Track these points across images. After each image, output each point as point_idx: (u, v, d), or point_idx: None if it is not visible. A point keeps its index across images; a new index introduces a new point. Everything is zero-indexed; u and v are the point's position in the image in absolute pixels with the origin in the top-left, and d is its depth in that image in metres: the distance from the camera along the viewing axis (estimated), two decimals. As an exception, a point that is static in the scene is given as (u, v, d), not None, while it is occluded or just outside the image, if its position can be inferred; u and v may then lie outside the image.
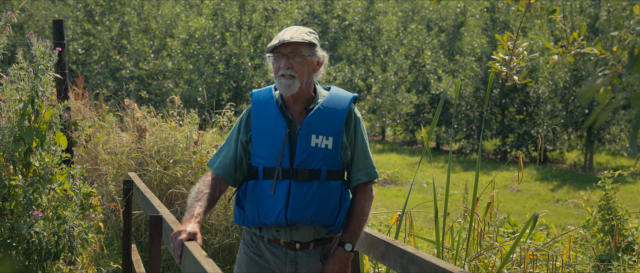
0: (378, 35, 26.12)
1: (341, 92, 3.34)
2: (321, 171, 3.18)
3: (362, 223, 3.30)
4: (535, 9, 3.76)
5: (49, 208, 4.39)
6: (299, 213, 3.16)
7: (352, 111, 3.31)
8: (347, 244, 3.24)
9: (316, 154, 3.18)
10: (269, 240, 3.26)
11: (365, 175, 3.31)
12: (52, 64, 4.45)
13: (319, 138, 3.19)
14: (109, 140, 7.69)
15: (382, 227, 7.14)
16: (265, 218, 3.18)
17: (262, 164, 3.21)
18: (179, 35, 22.06)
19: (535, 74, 20.21)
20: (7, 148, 4.20)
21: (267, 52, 3.24)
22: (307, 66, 3.23)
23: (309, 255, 3.26)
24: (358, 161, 3.31)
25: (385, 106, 22.06)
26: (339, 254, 3.25)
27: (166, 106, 18.35)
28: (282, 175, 3.18)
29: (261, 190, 3.20)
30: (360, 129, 3.32)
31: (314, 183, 3.17)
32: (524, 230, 4.04)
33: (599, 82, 1.87)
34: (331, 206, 3.21)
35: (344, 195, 3.27)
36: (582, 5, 22.35)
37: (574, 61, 3.78)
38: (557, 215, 12.35)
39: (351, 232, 3.27)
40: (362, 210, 3.30)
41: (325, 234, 3.28)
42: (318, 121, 3.21)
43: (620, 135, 20.05)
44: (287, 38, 3.17)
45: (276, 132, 3.20)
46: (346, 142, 3.25)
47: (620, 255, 5.78)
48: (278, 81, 3.19)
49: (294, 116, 3.26)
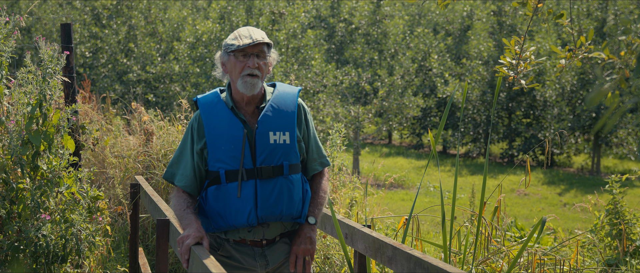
0: (385, 38, 26.11)
1: (287, 88, 3.38)
2: (283, 166, 3.22)
3: (323, 200, 3.38)
4: (542, 13, 3.76)
5: (57, 211, 4.40)
6: (268, 210, 3.19)
7: (300, 104, 3.36)
8: (310, 217, 3.31)
9: (276, 151, 3.22)
10: (234, 241, 3.28)
11: (320, 164, 3.41)
12: (60, 67, 4.47)
13: (276, 134, 3.23)
14: (116, 143, 7.70)
15: (389, 231, 7.14)
16: (235, 220, 3.19)
17: (223, 168, 3.21)
18: (186, 38, 22.09)
19: (542, 77, 20.17)
20: (15, 151, 4.22)
21: (233, 50, 3.21)
22: (268, 66, 3.29)
23: (275, 245, 3.31)
24: (312, 152, 3.38)
25: (392, 110, 22.03)
26: (304, 229, 3.31)
27: (173, 109, 18.38)
28: (247, 176, 3.19)
29: (226, 194, 3.20)
30: (310, 121, 3.38)
31: (278, 179, 3.21)
32: (531, 234, 4.02)
33: (607, 86, 1.87)
34: (296, 199, 3.25)
35: (305, 186, 3.32)
36: (589, 9, 22.30)
37: (581, 65, 3.77)
38: (565, 219, 12.32)
39: (313, 207, 3.34)
40: (321, 187, 3.39)
41: (291, 227, 3.33)
42: (272, 118, 3.24)
43: (627, 139, 19.99)
44: (259, 38, 3.20)
45: (233, 134, 3.20)
46: (299, 135, 3.31)
47: (628, 260, 5.76)
48: (242, 80, 3.20)
49: (246, 117, 3.28)
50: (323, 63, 19.06)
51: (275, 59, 3.36)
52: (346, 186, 6.74)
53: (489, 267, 4.93)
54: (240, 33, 3.23)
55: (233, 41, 3.22)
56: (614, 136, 19.94)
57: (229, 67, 3.26)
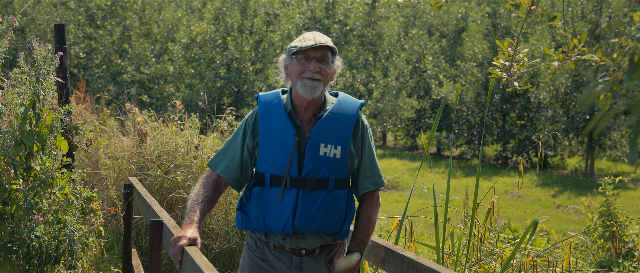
0: (379, 40, 26.14)
1: (349, 100, 3.31)
2: (329, 181, 3.15)
3: (370, 231, 3.27)
4: (536, 15, 3.77)
5: (50, 212, 4.39)
6: (306, 222, 3.13)
7: (359, 118, 3.28)
8: (356, 253, 3.21)
9: (324, 164, 3.15)
10: (274, 246, 3.24)
11: (373, 183, 3.29)
12: (53, 68, 4.46)
13: (327, 146, 3.15)
14: (109, 144, 7.69)
15: (382, 232, 7.14)
16: (272, 225, 3.15)
17: (269, 171, 3.17)
18: (180, 39, 22.08)
19: (536, 79, 20.21)
20: (8, 152, 4.21)
21: (296, 52, 3.17)
22: (330, 72, 3.22)
23: (314, 260, 3.24)
24: (365, 169, 3.28)
25: (387, 111, 22.06)
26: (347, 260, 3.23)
27: (167, 110, 18.35)
28: (290, 184, 3.14)
29: (268, 197, 3.17)
30: (368, 138, 3.29)
31: (321, 192, 3.14)
32: (524, 235, 4.03)
33: (599, 88, 1.87)
34: (337, 215, 3.19)
35: (350, 203, 3.24)
36: (583, 12, 22.36)
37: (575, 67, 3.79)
38: (558, 220, 12.35)
39: (359, 241, 3.24)
40: (369, 218, 3.28)
41: (331, 241, 3.27)
42: (327, 130, 3.17)
43: (621, 141, 20.05)
44: (322, 41, 3.14)
45: (285, 139, 3.15)
46: (354, 150, 3.23)
47: (621, 262, 5.78)
48: (302, 82, 3.14)
49: (302, 123, 3.22)
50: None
51: (340, 67, 3.30)
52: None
53: (482, 269, 4.94)
54: (305, 36, 3.18)
55: (296, 43, 3.17)
56: (607, 139, 20.00)
57: (290, 70, 3.21)
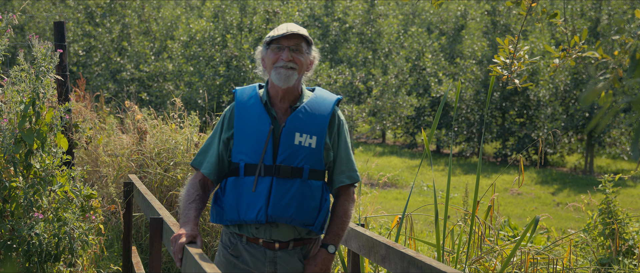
0: (379, 38, 26.12)
1: (326, 94, 3.33)
2: (304, 170, 3.15)
3: (345, 225, 3.27)
4: (536, 13, 3.77)
5: (50, 210, 4.38)
6: (279, 210, 3.12)
7: (335, 112, 3.30)
8: (330, 246, 3.21)
9: (299, 152, 3.16)
10: (247, 239, 3.21)
11: (348, 177, 3.29)
12: (53, 66, 4.45)
13: (302, 136, 3.17)
14: (109, 142, 7.68)
15: (382, 230, 7.14)
16: (245, 214, 3.14)
17: (243, 160, 3.17)
18: (179, 37, 22.06)
19: (535, 77, 20.21)
20: (8, 150, 4.21)
21: (268, 42, 3.21)
22: (305, 62, 3.24)
23: (288, 255, 3.22)
24: (340, 163, 3.29)
25: (386, 109, 22.05)
26: (321, 255, 3.22)
27: (167, 108, 18.35)
28: (264, 172, 3.14)
29: (242, 187, 3.17)
30: (344, 132, 3.31)
31: (295, 181, 3.14)
32: (524, 233, 4.03)
33: (601, 86, 1.87)
34: (311, 206, 3.18)
35: (324, 196, 3.24)
36: (582, 9, 22.36)
37: (575, 64, 3.78)
38: (558, 218, 12.35)
39: (334, 234, 3.24)
40: (345, 212, 3.28)
41: (305, 234, 3.24)
42: (302, 120, 3.19)
43: (620, 139, 20.05)
44: (295, 30, 3.17)
45: (260, 129, 3.17)
46: (329, 143, 3.24)
47: (621, 259, 5.78)
48: (276, 71, 3.16)
49: (278, 114, 3.23)
50: (317, 62, 19.05)
51: (317, 57, 3.33)
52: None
53: (482, 266, 4.94)
54: (279, 27, 3.22)
55: (270, 34, 3.21)
56: (607, 136, 20.00)
57: (266, 61, 3.24)
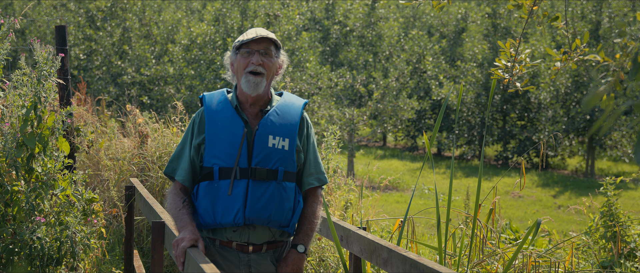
0: (379, 41, 26.13)
1: (293, 98, 3.37)
2: (278, 172, 3.18)
3: (314, 226, 3.31)
4: (537, 16, 3.77)
5: (52, 213, 4.39)
6: (256, 212, 3.14)
7: (304, 116, 3.34)
8: (300, 246, 3.25)
9: (273, 155, 3.18)
10: (221, 243, 3.22)
11: (316, 179, 3.34)
12: (54, 69, 4.46)
13: (275, 138, 3.20)
14: (110, 146, 7.68)
15: (384, 233, 7.14)
16: (222, 218, 3.15)
17: (217, 164, 3.17)
18: (180, 41, 22.07)
19: (536, 80, 20.21)
20: (9, 154, 4.21)
21: (238, 46, 3.22)
22: (274, 66, 3.26)
23: (261, 257, 3.23)
24: (309, 165, 3.33)
25: (387, 112, 22.05)
26: (292, 256, 3.25)
27: (168, 111, 18.36)
28: (240, 175, 3.15)
29: (217, 190, 3.17)
30: (312, 135, 3.35)
31: (271, 183, 3.17)
32: (526, 236, 4.03)
33: (602, 89, 1.87)
34: (286, 207, 3.21)
35: (297, 197, 3.27)
36: (583, 12, 22.36)
37: (577, 67, 3.78)
38: (559, 221, 12.34)
39: (304, 234, 3.28)
40: (313, 212, 3.32)
41: (278, 236, 3.27)
42: (274, 123, 3.22)
43: (621, 141, 20.04)
44: (264, 34, 3.18)
45: (233, 132, 3.18)
46: (299, 145, 3.28)
47: (623, 262, 5.77)
48: (246, 78, 3.18)
49: (249, 118, 3.25)
50: (318, 65, 19.06)
51: (285, 61, 3.35)
52: (341, 188, 6.74)
53: (484, 269, 4.94)
54: (248, 31, 3.24)
55: (239, 38, 3.24)
56: (608, 139, 20.00)
57: (235, 66, 3.26)
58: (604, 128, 1.81)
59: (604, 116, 1.81)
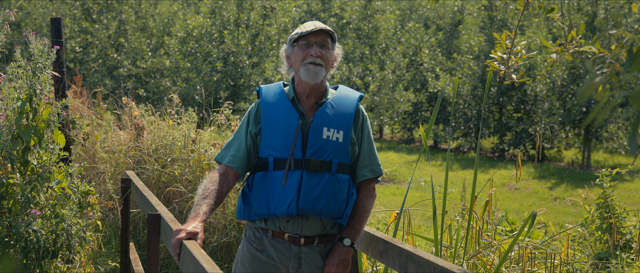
0: (376, 33, 26.11)
1: (349, 91, 3.40)
2: (332, 163, 3.21)
3: (364, 220, 3.32)
4: (533, 8, 3.76)
5: (47, 206, 4.38)
6: (310, 203, 3.17)
7: (359, 108, 3.37)
8: (346, 239, 3.26)
9: (327, 147, 3.21)
10: (273, 233, 3.25)
11: (370, 171, 3.36)
12: (50, 62, 4.45)
13: (330, 130, 3.23)
14: (106, 138, 7.68)
15: (380, 225, 7.15)
16: (276, 208, 3.18)
17: (272, 155, 3.22)
18: (176, 33, 22.02)
19: (533, 72, 20.22)
20: (5, 146, 4.20)
21: (296, 39, 3.27)
22: (331, 58, 3.31)
23: (312, 251, 3.26)
24: (364, 157, 3.36)
25: (383, 105, 22.05)
26: (338, 249, 3.26)
27: (164, 104, 18.33)
28: (294, 165, 3.19)
29: (271, 181, 3.21)
30: (367, 127, 3.37)
31: (325, 175, 3.20)
32: (522, 228, 4.04)
33: (598, 80, 1.87)
34: (340, 199, 3.23)
35: (351, 189, 3.29)
36: (579, 4, 22.35)
37: (572, 59, 3.78)
38: (555, 213, 12.36)
39: (351, 227, 3.29)
40: (364, 207, 3.34)
41: (330, 229, 3.29)
42: (329, 115, 3.25)
43: (617, 133, 20.07)
44: (321, 26, 3.23)
45: (288, 123, 3.22)
46: (354, 138, 3.30)
47: (619, 253, 5.79)
48: (305, 68, 3.23)
49: (305, 110, 3.30)
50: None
51: (340, 54, 3.39)
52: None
53: (480, 261, 4.95)
54: (305, 24, 3.28)
55: (297, 31, 3.27)
56: (604, 131, 20.01)
57: (292, 58, 3.30)
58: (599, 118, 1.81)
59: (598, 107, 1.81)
